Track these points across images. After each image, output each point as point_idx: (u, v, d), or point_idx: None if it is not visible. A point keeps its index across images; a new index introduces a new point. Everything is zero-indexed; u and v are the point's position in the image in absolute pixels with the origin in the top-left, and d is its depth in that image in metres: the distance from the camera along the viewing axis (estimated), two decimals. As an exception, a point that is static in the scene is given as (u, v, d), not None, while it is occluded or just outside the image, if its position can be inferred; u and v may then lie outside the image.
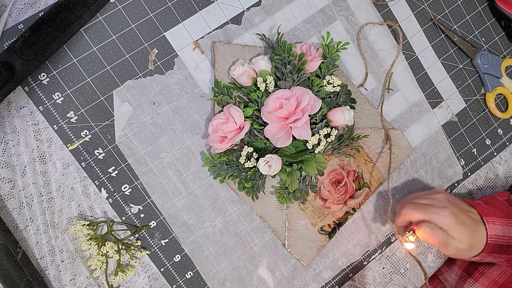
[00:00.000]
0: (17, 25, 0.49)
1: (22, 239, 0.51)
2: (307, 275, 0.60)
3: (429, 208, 0.55)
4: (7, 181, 0.50)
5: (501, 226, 0.56)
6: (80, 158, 0.52)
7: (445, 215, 0.54)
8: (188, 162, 0.56)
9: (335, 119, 0.56)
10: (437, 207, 0.55)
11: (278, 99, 0.53)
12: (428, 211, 0.55)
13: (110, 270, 0.54)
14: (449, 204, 0.56)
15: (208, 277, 0.57)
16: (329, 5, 0.61)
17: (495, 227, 0.56)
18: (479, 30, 0.69)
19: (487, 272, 0.59)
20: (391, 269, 0.64)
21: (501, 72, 0.68)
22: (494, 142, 0.69)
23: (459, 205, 0.57)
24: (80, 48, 0.52)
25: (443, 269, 0.68)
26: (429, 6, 0.66)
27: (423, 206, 0.56)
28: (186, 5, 0.55)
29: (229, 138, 0.53)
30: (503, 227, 0.56)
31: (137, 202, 0.54)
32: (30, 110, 0.51)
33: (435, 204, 0.56)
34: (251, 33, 0.57)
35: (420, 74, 0.65)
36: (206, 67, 0.56)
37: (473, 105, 0.68)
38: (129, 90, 0.53)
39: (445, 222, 0.54)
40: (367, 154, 0.61)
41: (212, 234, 0.57)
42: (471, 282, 0.60)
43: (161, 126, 0.55)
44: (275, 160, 0.52)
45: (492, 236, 0.55)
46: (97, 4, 0.51)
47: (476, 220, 0.56)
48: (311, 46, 0.57)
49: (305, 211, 0.59)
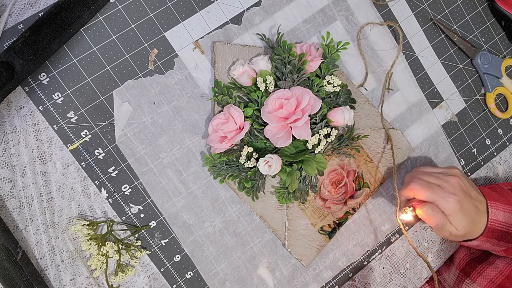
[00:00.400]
0: (17, 25, 0.49)
1: (22, 239, 0.51)
2: (307, 275, 0.60)
3: (437, 191, 0.54)
4: (7, 181, 0.50)
5: (503, 212, 0.55)
6: (80, 158, 0.52)
7: (451, 201, 0.53)
8: (188, 162, 0.56)
9: (335, 119, 0.56)
10: (446, 192, 0.54)
11: (278, 99, 0.53)
12: (436, 193, 0.54)
13: (110, 270, 0.54)
14: (460, 191, 0.54)
15: (208, 277, 0.57)
16: (329, 5, 0.61)
17: (497, 212, 0.55)
18: (479, 30, 0.69)
19: (485, 272, 0.59)
20: (391, 269, 0.64)
21: (501, 72, 0.68)
22: (494, 142, 0.69)
23: (469, 193, 0.55)
24: (80, 48, 0.52)
25: (442, 269, 0.68)
26: (429, 6, 0.66)
27: (432, 187, 0.54)
28: (186, 5, 0.55)
29: (229, 138, 0.53)
30: (505, 214, 0.55)
31: (137, 202, 0.54)
32: (30, 110, 0.51)
33: (445, 188, 0.54)
34: (251, 33, 0.57)
35: (420, 74, 0.65)
36: (206, 67, 0.56)
37: (473, 105, 0.68)
38: (129, 90, 0.53)
39: (448, 207, 0.53)
40: (367, 154, 0.61)
41: (212, 234, 0.57)
42: (468, 282, 0.60)
43: (161, 126, 0.55)
44: (275, 160, 0.52)
45: (492, 221, 0.55)
46: (97, 4, 0.51)
47: (480, 209, 0.55)
48: (311, 46, 0.57)
49: (305, 211, 0.59)
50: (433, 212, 0.53)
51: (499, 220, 0.55)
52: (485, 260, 0.61)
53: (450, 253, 0.66)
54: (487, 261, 0.60)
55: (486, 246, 0.57)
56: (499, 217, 0.55)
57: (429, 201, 0.54)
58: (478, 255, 0.63)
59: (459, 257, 0.65)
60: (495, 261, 0.60)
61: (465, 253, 0.64)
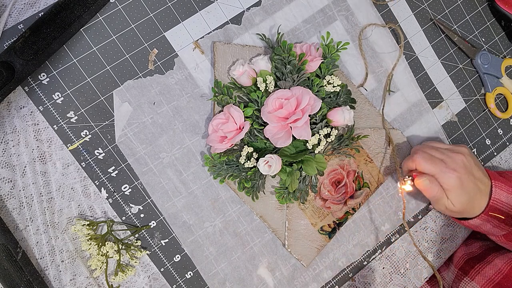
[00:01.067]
0: (17, 25, 0.49)
1: (22, 239, 0.51)
2: (307, 275, 0.60)
3: (439, 165, 0.55)
4: (7, 181, 0.50)
5: (507, 194, 0.56)
6: (80, 158, 0.52)
7: (451, 177, 0.54)
8: (188, 162, 0.56)
9: (335, 119, 0.56)
10: (448, 167, 0.54)
11: (278, 99, 0.53)
12: (437, 167, 0.54)
13: (110, 270, 0.54)
14: (462, 168, 0.55)
15: (208, 277, 0.57)
16: (329, 5, 0.61)
17: (501, 192, 0.56)
18: (479, 30, 0.69)
19: (483, 271, 0.59)
20: (391, 269, 0.64)
21: (501, 72, 0.68)
22: (494, 142, 0.69)
23: (473, 172, 0.56)
24: (80, 48, 0.52)
25: (441, 268, 0.68)
26: (429, 6, 0.66)
27: (434, 161, 0.55)
28: (186, 5, 0.55)
29: (229, 138, 0.53)
30: (508, 195, 0.56)
31: (137, 202, 0.54)
32: (30, 110, 0.51)
33: (448, 163, 0.55)
34: (251, 33, 0.57)
35: (420, 74, 0.65)
36: (206, 67, 0.56)
37: (473, 105, 0.68)
38: (129, 90, 0.53)
39: (447, 183, 0.54)
40: (367, 154, 0.61)
41: (212, 234, 0.57)
42: (467, 280, 0.60)
43: (161, 126, 0.55)
44: (275, 160, 0.52)
45: (495, 200, 0.55)
46: (97, 4, 0.51)
47: (482, 190, 0.56)
48: (311, 46, 0.57)
49: (305, 211, 0.59)
50: (431, 184, 0.54)
51: (501, 200, 0.55)
52: (483, 259, 0.61)
53: (450, 253, 0.66)
54: (486, 260, 0.60)
55: (487, 228, 0.58)
56: (502, 197, 0.56)
57: (430, 174, 0.55)
58: (477, 254, 0.63)
59: (458, 255, 0.65)
60: (494, 260, 0.60)
61: (464, 252, 0.64)
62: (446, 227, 0.66)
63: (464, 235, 0.66)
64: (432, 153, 0.57)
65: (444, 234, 0.65)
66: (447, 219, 0.66)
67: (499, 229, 0.57)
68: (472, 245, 0.65)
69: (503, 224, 0.56)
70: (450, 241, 0.65)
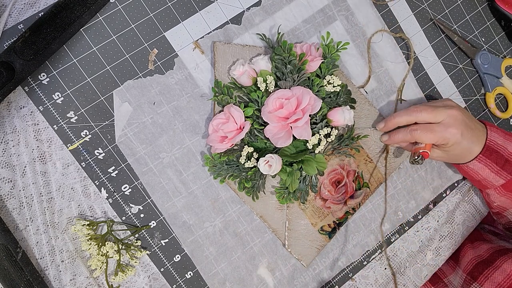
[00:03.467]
0: (17, 25, 0.49)
1: (22, 239, 0.50)
2: (307, 275, 0.60)
3: (438, 131, 0.55)
4: (7, 181, 0.50)
5: (503, 138, 0.57)
6: (80, 158, 0.52)
7: (453, 134, 0.55)
8: (188, 162, 0.55)
9: (335, 119, 0.56)
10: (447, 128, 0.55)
11: (278, 99, 0.53)
12: (437, 134, 0.55)
13: (110, 270, 0.54)
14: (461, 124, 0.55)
15: (208, 277, 0.57)
16: (329, 5, 0.60)
17: (496, 135, 0.57)
18: (479, 30, 0.69)
19: (492, 276, 0.59)
20: (391, 269, 0.64)
21: (501, 72, 0.68)
22: (494, 142, 0.69)
23: (468, 123, 0.56)
24: (80, 48, 0.52)
25: (447, 271, 0.68)
26: (429, 6, 0.66)
27: (433, 129, 0.55)
28: (186, 5, 0.55)
29: (229, 138, 0.53)
30: (504, 140, 0.57)
31: (137, 202, 0.54)
32: (30, 110, 0.51)
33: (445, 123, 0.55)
34: (251, 33, 0.57)
35: (420, 74, 0.65)
36: (206, 67, 0.56)
37: (473, 105, 0.68)
38: (129, 90, 0.53)
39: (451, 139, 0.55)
40: (367, 154, 0.61)
41: (212, 234, 0.57)
42: (476, 286, 0.60)
43: (161, 126, 0.55)
44: (275, 160, 0.52)
45: (491, 141, 0.57)
46: (97, 4, 0.51)
47: (479, 136, 0.56)
48: (311, 46, 0.57)
49: (305, 211, 0.59)
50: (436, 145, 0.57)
51: (497, 142, 0.57)
52: (492, 263, 0.61)
53: (450, 250, 0.65)
54: (494, 264, 0.60)
55: (485, 174, 0.58)
56: (497, 140, 0.57)
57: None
58: (485, 258, 0.62)
59: (466, 260, 0.65)
60: (502, 265, 0.59)
61: (472, 256, 0.64)
62: (444, 225, 0.66)
63: (464, 233, 0.66)
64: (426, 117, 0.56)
65: (443, 232, 0.65)
66: (446, 217, 0.66)
67: (498, 175, 0.57)
68: (480, 247, 0.65)
69: (501, 169, 0.57)
70: (449, 238, 0.65)
